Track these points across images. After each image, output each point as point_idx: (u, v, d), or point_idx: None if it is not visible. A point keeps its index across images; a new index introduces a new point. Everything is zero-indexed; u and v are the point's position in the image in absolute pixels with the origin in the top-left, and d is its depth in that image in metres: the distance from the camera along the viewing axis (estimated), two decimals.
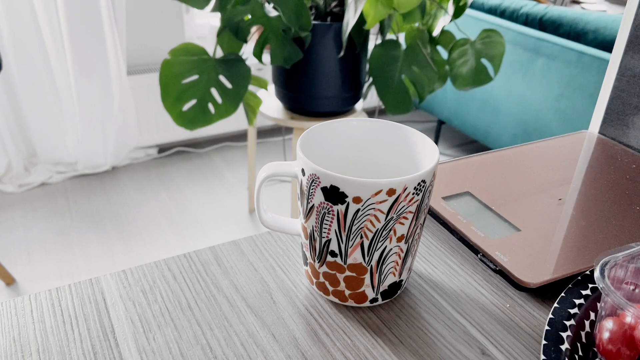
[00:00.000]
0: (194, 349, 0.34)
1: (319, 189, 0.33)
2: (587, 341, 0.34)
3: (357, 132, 0.40)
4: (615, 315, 0.32)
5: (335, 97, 1.51)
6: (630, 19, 0.56)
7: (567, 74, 1.72)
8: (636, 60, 0.56)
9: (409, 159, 0.38)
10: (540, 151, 0.58)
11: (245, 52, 1.42)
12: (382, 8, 1.28)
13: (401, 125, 0.39)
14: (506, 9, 1.93)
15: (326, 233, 0.34)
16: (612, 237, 0.43)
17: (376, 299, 0.37)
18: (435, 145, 0.36)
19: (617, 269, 0.33)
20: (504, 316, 0.38)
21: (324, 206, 0.33)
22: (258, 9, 1.30)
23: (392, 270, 0.36)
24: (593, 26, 1.64)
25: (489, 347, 0.35)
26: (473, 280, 0.41)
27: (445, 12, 1.44)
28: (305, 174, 0.33)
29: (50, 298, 0.38)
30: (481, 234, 0.43)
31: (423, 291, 0.40)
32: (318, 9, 1.46)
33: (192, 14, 2.29)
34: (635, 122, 0.58)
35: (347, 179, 0.31)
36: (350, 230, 0.33)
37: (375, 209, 0.32)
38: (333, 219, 0.33)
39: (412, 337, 0.36)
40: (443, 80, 1.47)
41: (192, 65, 1.32)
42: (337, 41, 1.40)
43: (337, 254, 0.35)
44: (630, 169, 0.54)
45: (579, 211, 0.47)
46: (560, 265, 0.40)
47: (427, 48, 1.42)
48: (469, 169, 0.53)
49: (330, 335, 0.36)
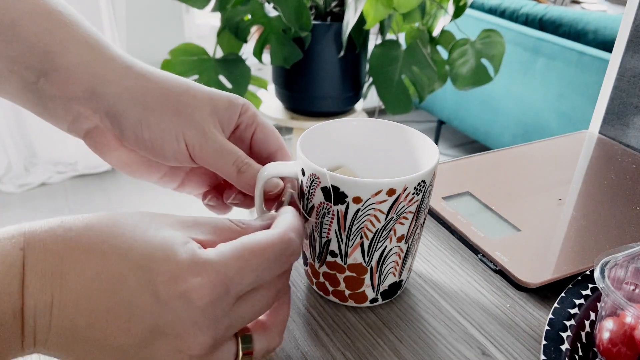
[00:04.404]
0: None
1: (318, 189, 0.33)
2: (587, 341, 0.34)
3: (358, 132, 0.40)
4: (615, 315, 0.32)
5: (335, 97, 1.51)
6: (630, 19, 0.56)
7: (567, 74, 1.72)
8: (636, 60, 0.56)
9: (409, 159, 0.38)
10: (540, 151, 0.58)
11: (245, 52, 1.42)
12: (382, 8, 1.28)
13: (401, 125, 0.39)
14: (506, 9, 1.93)
15: (326, 233, 0.34)
16: (612, 237, 0.43)
17: (376, 299, 0.37)
18: (435, 145, 0.36)
19: (617, 269, 0.33)
20: (504, 316, 0.38)
21: (324, 206, 0.33)
22: (258, 9, 1.30)
23: (392, 271, 0.36)
24: (593, 26, 1.64)
25: (489, 347, 0.35)
26: (473, 280, 0.41)
27: (445, 12, 1.44)
28: (305, 174, 0.33)
29: None
30: (481, 234, 0.43)
31: (423, 291, 0.40)
32: (318, 9, 1.46)
33: (192, 14, 2.29)
34: (635, 122, 0.58)
35: (347, 179, 0.31)
36: (350, 230, 0.33)
37: (375, 209, 0.32)
38: (333, 219, 0.33)
39: (412, 337, 0.36)
40: (443, 80, 1.47)
41: (192, 65, 1.32)
42: (337, 41, 1.40)
43: (337, 254, 0.35)
44: (630, 169, 0.54)
45: (579, 211, 0.47)
46: (560, 265, 0.40)
47: (427, 48, 1.42)
48: (469, 169, 0.53)
49: (330, 335, 0.36)
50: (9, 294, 0.22)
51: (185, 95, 0.35)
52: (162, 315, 0.24)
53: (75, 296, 0.23)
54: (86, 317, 0.23)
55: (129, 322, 0.24)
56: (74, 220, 0.25)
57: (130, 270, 0.24)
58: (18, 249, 0.23)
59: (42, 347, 0.23)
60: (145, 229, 0.26)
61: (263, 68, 2.22)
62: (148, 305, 0.24)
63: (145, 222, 0.26)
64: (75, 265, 0.23)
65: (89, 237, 0.24)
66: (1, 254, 0.22)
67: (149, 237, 0.25)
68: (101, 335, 0.24)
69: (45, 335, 0.23)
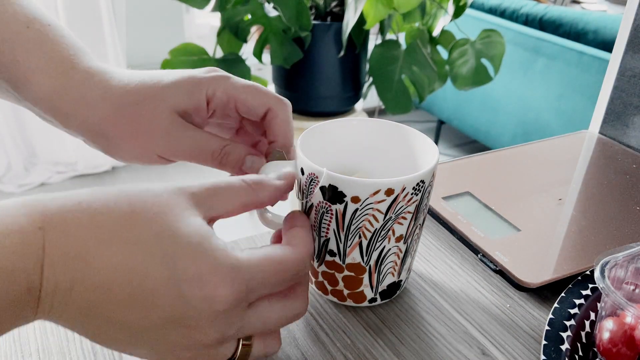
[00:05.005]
0: None
1: (317, 188, 0.33)
2: (587, 341, 0.34)
3: (357, 131, 0.40)
4: (615, 315, 0.32)
5: (335, 97, 1.51)
6: (630, 19, 0.56)
7: (567, 74, 1.72)
8: (636, 60, 0.56)
9: (409, 159, 0.38)
10: (540, 151, 0.58)
11: (245, 52, 1.42)
12: (382, 8, 1.28)
13: (401, 125, 0.39)
14: (506, 9, 1.93)
15: (325, 232, 0.34)
16: (612, 237, 0.43)
17: (375, 299, 0.37)
18: (435, 145, 0.36)
19: (617, 269, 0.33)
20: (504, 316, 0.38)
21: (322, 205, 0.33)
22: (258, 8, 1.30)
23: (391, 271, 0.36)
24: (593, 26, 1.64)
25: (489, 347, 0.35)
26: (473, 280, 0.41)
27: (445, 12, 1.44)
28: (304, 173, 0.33)
29: None
30: (481, 234, 0.43)
31: (423, 291, 0.40)
32: (318, 9, 1.46)
33: (192, 14, 2.29)
34: (635, 122, 0.58)
35: (346, 178, 0.31)
36: (349, 229, 0.33)
37: (373, 208, 0.32)
38: (332, 219, 0.33)
39: (412, 337, 0.36)
40: (443, 80, 1.47)
41: (192, 65, 1.32)
42: (337, 41, 1.40)
43: (336, 253, 0.35)
44: (630, 169, 0.54)
45: (579, 211, 0.47)
46: (560, 265, 0.40)
47: (427, 48, 1.42)
48: (469, 169, 0.53)
49: (330, 335, 0.35)
50: (25, 270, 0.22)
51: (142, 104, 0.34)
52: (182, 310, 0.25)
53: (97, 283, 0.24)
54: (106, 302, 0.24)
55: (148, 310, 0.24)
56: (92, 200, 0.25)
57: (154, 265, 0.24)
58: (37, 227, 0.23)
59: (55, 320, 0.24)
60: (171, 221, 0.26)
61: (263, 68, 2.22)
62: (170, 299, 0.25)
63: (167, 209, 0.26)
64: (97, 253, 0.24)
65: (112, 223, 0.25)
66: (18, 230, 0.22)
67: (174, 231, 0.25)
68: (117, 317, 0.24)
69: (60, 312, 0.24)
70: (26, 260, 0.22)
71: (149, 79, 0.35)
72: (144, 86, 0.35)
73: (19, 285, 0.22)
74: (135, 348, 0.26)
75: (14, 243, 0.22)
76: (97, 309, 0.24)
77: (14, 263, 0.22)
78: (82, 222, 0.24)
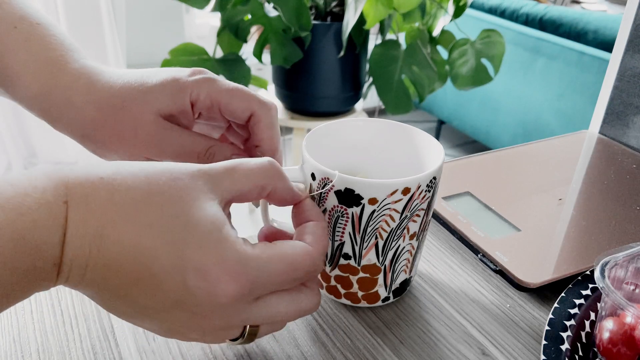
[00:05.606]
0: (193, 349, 0.34)
1: (332, 192, 0.32)
2: (587, 341, 0.34)
3: (362, 132, 0.40)
4: (615, 315, 0.32)
5: (335, 97, 1.51)
6: (630, 19, 0.56)
7: (567, 74, 1.72)
8: (636, 60, 0.56)
9: (413, 158, 0.38)
10: (540, 151, 0.58)
11: (245, 52, 1.42)
12: (382, 8, 1.28)
13: (405, 124, 0.39)
14: (506, 9, 1.93)
15: (339, 236, 0.34)
16: (612, 237, 0.43)
17: (388, 297, 0.37)
18: (439, 143, 0.36)
19: (617, 269, 0.33)
20: (504, 316, 0.38)
21: (337, 209, 0.33)
22: (258, 8, 1.30)
23: (404, 268, 0.36)
24: (593, 26, 1.64)
25: (489, 347, 0.35)
26: (473, 280, 0.41)
27: (445, 12, 1.44)
28: (315, 179, 0.33)
29: (50, 298, 0.38)
30: (481, 234, 0.43)
31: (423, 291, 0.40)
32: (318, 9, 1.46)
33: (192, 14, 2.29)
34: (635, 122, 0.58)
35: (362, 180, 0.31)
36: (365, 231, 0.33)
37: (390, 208, 0.32)
38: (347, 222, 0.33)
39: (412, 337, 0.36)
40: (443, 80, 1.47)
41: (192, 65, 1.31)
42: (337, 41, 1.40)
43: (351, 256, 0.34)
44: (630, 169, 0.54)
45: (579, 211, 0.47)
46: (560, 265, 0.40)
47: (427, 48, 1.42)
48: (469, 169, 0.53)
49: (330, 335, 0.35)
50: (51, 244, 0.23)
51: (126, 109, 0.34)
52: (186, 297, 0.25)
53: (109, 260, 0.24)
54: (116, 279, 0.25)
55: (155, 291, 0.25)
56: (114, 177, 0.25)
57: (163, 250, 0.25)
58: (62, 202, 0.24)
59: (71, 287, 0.26)
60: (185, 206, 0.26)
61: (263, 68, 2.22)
62: (174, 285, 0.25)
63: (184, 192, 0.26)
64: (112, 231, 0.24)
65: (128, 204, 0.25)
66: (45, 204, 0.23)
67: (187, 217, 0.25)
68: (127, 294, 0.25)
69: (75, 284, 0.25)
70: (52, 235, 0.23)
71: (134, 81, 0.35)
72: (128, 88, 0.35)
73: (44, 260, 0.23)
74: (143, 322, 0.27)
75: (42, 217, 0.23)
76: (108, 284, 0.25)
77: (42, 237, 0.23)
78: (101, 200, 0.24)
